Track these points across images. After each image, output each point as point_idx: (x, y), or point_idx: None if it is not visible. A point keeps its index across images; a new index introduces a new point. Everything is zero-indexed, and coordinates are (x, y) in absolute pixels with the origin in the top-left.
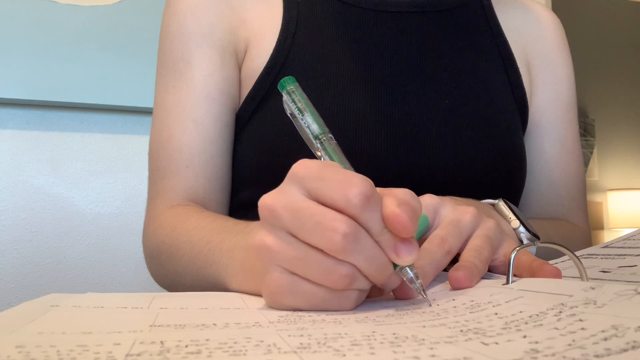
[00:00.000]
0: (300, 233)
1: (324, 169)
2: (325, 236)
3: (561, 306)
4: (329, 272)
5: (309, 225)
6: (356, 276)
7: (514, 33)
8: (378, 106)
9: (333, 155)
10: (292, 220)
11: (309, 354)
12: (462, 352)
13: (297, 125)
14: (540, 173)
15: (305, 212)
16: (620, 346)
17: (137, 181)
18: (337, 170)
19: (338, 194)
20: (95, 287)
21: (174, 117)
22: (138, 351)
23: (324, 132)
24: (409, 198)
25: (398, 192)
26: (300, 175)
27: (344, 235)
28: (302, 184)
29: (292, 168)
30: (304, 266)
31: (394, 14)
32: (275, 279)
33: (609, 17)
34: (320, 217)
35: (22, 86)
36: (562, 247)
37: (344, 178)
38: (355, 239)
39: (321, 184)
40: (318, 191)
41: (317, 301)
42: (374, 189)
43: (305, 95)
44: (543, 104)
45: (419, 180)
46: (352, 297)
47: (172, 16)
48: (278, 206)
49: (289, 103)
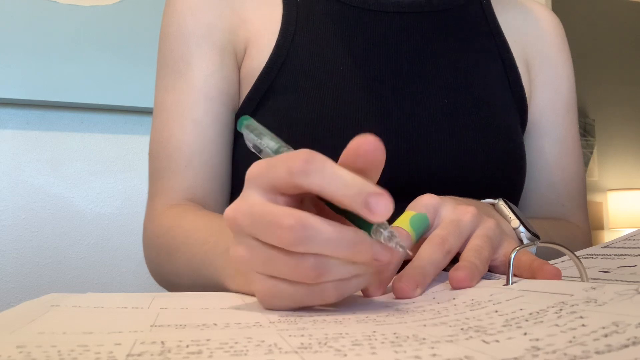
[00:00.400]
0: (260, 236)
1: (271, 159)
2: (276, 234)
3: (562, 304)
4: (295, 268)
5: (263, 226)
6: (324, 264)
7: (513, 33)
8: (377, 106)
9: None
10: (251, 226)
11: (310, 354)
12: (463, 350)
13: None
14: (540, 173)
15: (259, 214)
16: (621, 342)
17: (137, 181)
18: (281, 156)
19: (283, 172)
20: (95, 287)
21: (174, 117)
22: (139, 351)
23: (280, 145)
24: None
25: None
26: (253, 176)
27: (289, 228)
28: (255, 184)
29: (247, 173)
30: (274, 267)
31: (394, 14)
32: (260, 285)
33: (609, 17)
34: (270, 216)
35: (22, 86)
36: (562, 247)
37: (286, 157)
38: (303, 227)
39: (269, 173)
40: (269, 182)
41: (300, 299)
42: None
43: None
44: (543, 104)
45: (418, 180)
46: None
47: (172, 16)
48: (238, 214)
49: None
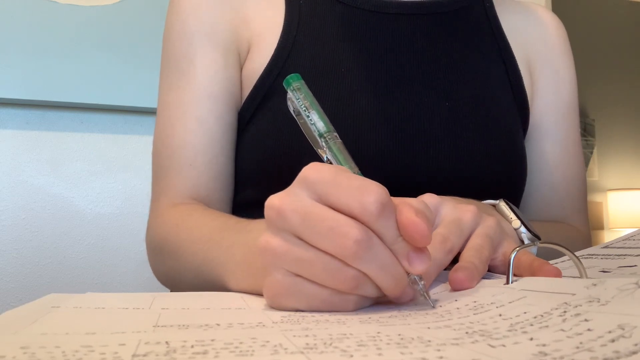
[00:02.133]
0: (309, 237)
1: (338, 175)
2: (337, 242)
3: (565, 305)
4: (336, 274)
5: (320, 229)
6: (363, 281)
7: (515, 35)
8: (379, 107)
9: (338, 155)
10: (301, 224)
11: (316, 355)
12: (469, 354)
13: (300, 124)
14: (541, 175)
15: (317, 217)
16: (629, 348)
17: (137, 181)
18: (352, 177)
19: (354, 201)
20: (95, 287)
21: (178, 116)
22: (144, 351)
23: (329, 131)
24: (424, 208)
25: (413, 202)
26: (312, 179)
27: (356, 241)
28: (313, 188)
29: (303, 171)
30: (310, 267)
31: (396, 15)
32: (278, 281)
33: (609, 17)
34: (333, 222)
35: (22, 86)
36: (562, 247)
37: (359, 184)
38: (368, 246)
39: (335, 189)
40: (331, 197)
41: (319, 302)
42: (389, 197)
43: (311, 93)
44: (544, 106)
45: (420, 181)
46: (354, 300)
47: (176, 16)
48: (287, 208)
49: (295, 100)
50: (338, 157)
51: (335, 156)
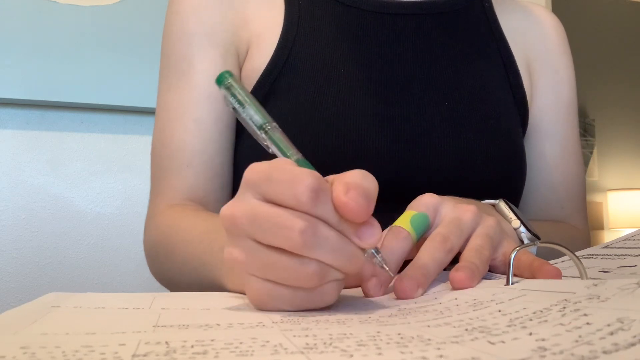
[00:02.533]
0: (261, 237)
1: (272, 170)
2: (284, 235)
3: (565, 302)
4: (296, 273)
5: (267, 227)
6: (325, 270)
7: (515, 35)
8: (378, 108)
9: (279, 143)
10: (251, 226)
11: (316, 355)
12: (469, 352)
13: (241, 120)
14: (540, 175)
15: (262, 216)
16: (628, 340)
17: (137, 181)
18: (284, 170)
19: (286, 194)
20: (95, 287)
21: (176, 117)
22: (144, 352)
23: (267, 122)
24: (359, 180)
25: (347, 176)
26: (252, 180)
27: (301, 231)
28: (255, 188)
29: (244, 174)
30: (273, 271)
31: (395, 16)
32: (254, 288)
33: (609, 17)
34: (276, 217)
35: (22, 86)
36: (562, 247)
37: (290, 177)
38: (314, 233)
39: (270, 185)
40: (269, 193)
41: (299, 302)
42: (322, 181)
43: (245, 88)
44: (544, 106)
45: (419, 181)
46: (332, 291)
47: (175, 16)
48: (237, 214)
49: (229, 98)
50: (279, 145)
51: (276, 145)
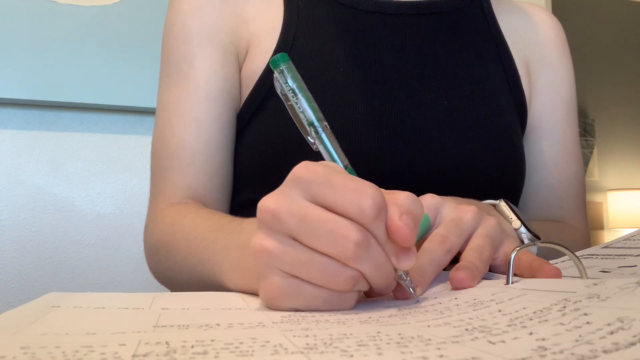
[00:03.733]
0: (307, 239)
1: (332, 175)
2: (338, 244)
3: (565, 301)
4: (334, 275)
5: (320, 232)
6: (360, 280)
7: (513, 35)
8: (377, 107)
9: (329, 146)
10: (299, 226)
11: (316, 355)
12: (470, 352)
13: (288, 106)
14: (539, 175)
15: (315, 219)
16: (628, 340)
17: (137, 181)
18: (346, 177)
19: (351, 204)
20: (95, 287)
21: (176, 116)
22: (144, 352)
23: (319, 119)
24: (411, 206)
25: (401, 199)
26: (305, 180)
27: (357, 243)
28: (306, 188)
29: (294, 171)
30: (307, 269)
31: (394, 16)
32: (275, 283)
33: (609, 17)
34: (332, 224)
35: (22, 86)
36: (562, 247)
37: (355, 187)
38: (367, 247)
39: (331, 191)
40: (326, 198)
41: (318, 302)
42: (384, 198)
43: (299, 77)
44: (542, 106)
45: (417, 180)
46: (353, 298)
47: (175, 16)
48: (282, 210)
49: (282, 83)
50: (329, 148)
51: (325, 148)
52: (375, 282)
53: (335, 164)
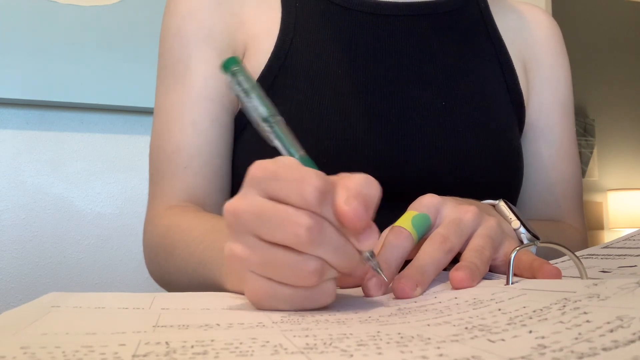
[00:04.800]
0: (265, 233)
1: (279, 168)
2: (290, 231)
3: (565, 301)
4: (297, 270)
5: (273, 224)
6: (325, 268)
7: (510, 35)
8: (375, 108)
9: (283, 138)
10: (255, 222)
11: (316, 355)
12: (469, 350)
13: (244, 108)
14: (537, 174)
15: (267, 212)
16: (627, 337)
17: (137, 181)
18: (292, 168)
19: (293, 193)
20: (95, 287)
21: (173, 119)
22: (144, 352)
23: (272, 114)
24: (360, 187)
25: (350, 182)
26: (257, 177)
27: (308, 228)
28: (260, 185)
29: (249, 170)
30: (273, 269)
31: (391, 17)
32: (253, 286)
33: (609, 17)
34: (283, 214)
35: (22, 86)
36: (562, 247)
37: (297, 176)
38: (320, 230)
39: (277, 183)
40: (275, 191)
41: (298, 301)
42: (328, 182)
43: (251, 77)
44: (540, 106)
45: (416, 181)
46: (329, 290)
47: (172, 18)
48: (240, 210)
49: (234, 85)
50: (282, 140)
51: (279, 140)
52: (340, 267)
53: (287, 158)
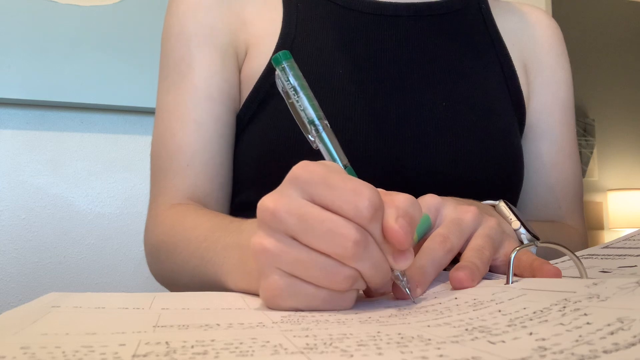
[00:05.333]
0: (306, 238)
1: (330, 175)
2: (337, 242)
3: (565, 301)
4: (332, 275)
5: (319, 231)
6: (357, 279)
7: (511, 36)
8: (376, 108)
9: (330, 145)
10: (297, 225)
11: (316, 355)
12: (470, 351)
13: (289, 104)
14: (537, 175)
15: (314, 218)
16: (628, 340)
17: (137, 181)
18: (344, 177)
19: (348, 204)
20: (95, 287)
21: (176, 118)
22: (144, 352)
23: (320, 118)
24: (408, 208)
25: (399, 201)
26: (303, 179)
27: (355, 242)
28: (305, 188)
29: (293, 170)
30: (306, 269)
31: (393, 18)
32: (275, 282)
33: (609, 17)
34: (331, 223)
35: (22, 86)
36: (562, 247)
37: (352, 187)
38: (365, 246)
39: (328, 191)
40: (325, 198)
41: (318, 302)
42: (381, 198)
43: (301, 75)
44: (540, 106)
45: (417, 182)
46: (352, 297)
47: (174, 18)
48: (281, 209)
49: (283, 81)
50: (329, 147)
51: (325, 146)
52: (372, 282)
53: (333, 164)
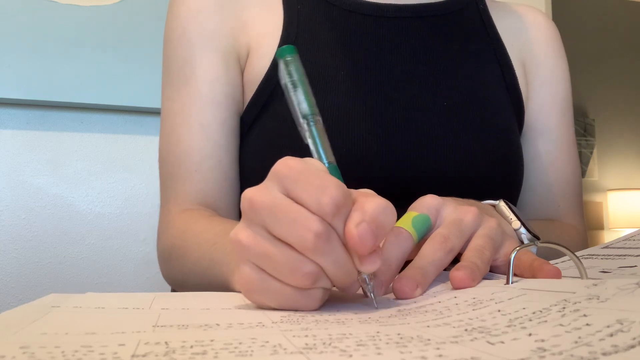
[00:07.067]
0: (274, 228)
1: (303, 172)
2: (299, 233)
3: (564, 302)
4: (293, 270)
5: (284, 221)
6: (320, 276)
7: (509, 36)
8: (376, 110)
9: (318, 141)
10: (268, 215)
11: (316, 355)
12: (469, 352)
13: (287, 99)
14: (536, 174)
15: (281, 209)
16: (627, 342)
17: (137, 181)
18: (316, 174)
19: (311, 198)
20: (95, 287)
21: (181, 123)
22: (143, 352)
23: (312, 114)
24: (377, 213)
25: (368, 205)
26: (281, 174)
27: (317, 234)
28: (281, 182)
29: (275, 165)
30: (271, 263)
31: (393, 19)
32: (246, 274)
33: (609, 17)
34: (296, 214)
35: (22, 86)
36: (562, 247)
37: (320, 183)
38: (327, 239)
39: (298, 185)
40: (294, 192)
41: (284, 299)
42: (347, 197)
43: (302, 70)
44: (539, 106)
45: (417, 182)
46: (318, 296)
47: (175, 21)
48: (257, 200)
49: (284, 74)
50: (316, 142)
51: (314, 141)
52: (336, 280)
53: (315, 161)
